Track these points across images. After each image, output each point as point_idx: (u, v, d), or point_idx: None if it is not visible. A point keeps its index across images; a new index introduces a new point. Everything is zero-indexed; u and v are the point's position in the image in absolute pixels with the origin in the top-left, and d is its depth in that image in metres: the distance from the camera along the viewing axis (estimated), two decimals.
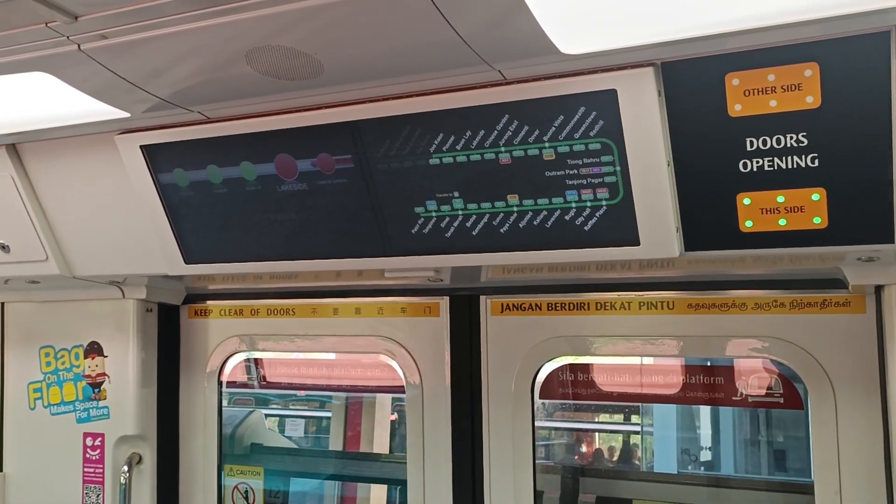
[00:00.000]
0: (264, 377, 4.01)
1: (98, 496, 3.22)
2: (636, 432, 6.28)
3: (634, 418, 6.19)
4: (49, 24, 1.78)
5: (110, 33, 1.82)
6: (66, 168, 2.68)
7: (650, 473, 5.67)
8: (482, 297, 2.94)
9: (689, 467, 6.03)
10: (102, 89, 2.13)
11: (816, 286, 2.50)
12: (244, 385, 4.03)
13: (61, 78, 2.05)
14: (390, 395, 4.35)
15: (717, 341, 2.65)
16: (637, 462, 6.32)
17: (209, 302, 3.43)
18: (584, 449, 5.94)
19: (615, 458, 6.20)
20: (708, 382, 2.86)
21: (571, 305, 2.82)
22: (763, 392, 2.78)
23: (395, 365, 3.10)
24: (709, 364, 2.91)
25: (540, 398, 2.92)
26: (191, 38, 1.81)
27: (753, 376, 2.80)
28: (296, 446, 5.08)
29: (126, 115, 2.30)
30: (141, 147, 2.45)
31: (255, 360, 3.91)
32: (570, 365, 3.05)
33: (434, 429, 2.98)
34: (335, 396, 4.66)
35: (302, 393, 4.75)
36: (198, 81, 2.08)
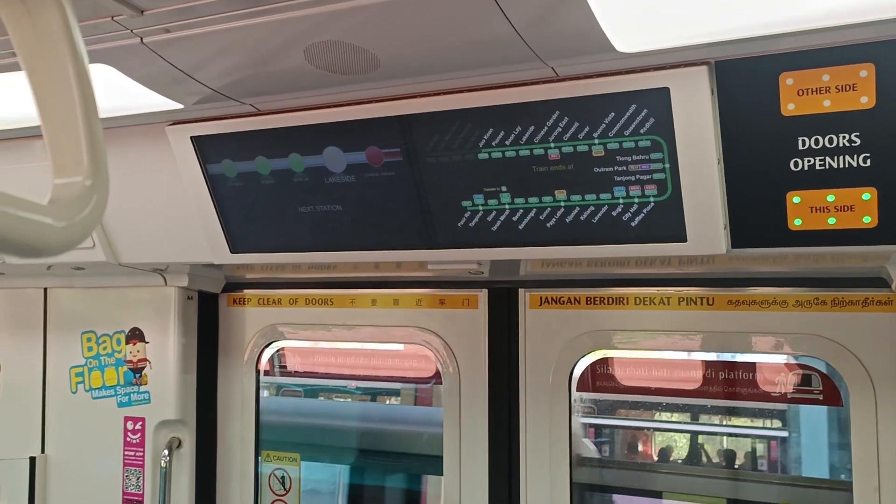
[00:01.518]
0: (284, 365, 4.06)
1: (138, 479, 3.29)
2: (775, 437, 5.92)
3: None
4: (115, 18, 1.82)
5: (174, 27, 1.86)
6: (114, 157, 2.69)
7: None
8: (521, 290, 2.97)
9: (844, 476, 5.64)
10: (159, 81, 2.17)
11: (857, 284, 2.52)
12: (295, 374, 4.09)
13: (120, 69, 2.09)
14: None
15: (755, 338, 2.67)
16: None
17: (247, 291, 3.49)
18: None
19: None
20: (746, 378, 2.88)
21: (610, 300, 2.84)
22: (802, 388, 2.79)
23: (432, 356, 3.14)
24: (747, 360, 2.92)
25: (577, 391, 2.95)
26: (253, 32, 1.84)
27: (793, 373, 2.81)
28: None
29: (178, 106, 2.34)
30: (191, 138, 2.50)
31: (287, 350, 3.96)
32: (613, 358, 3.07)
33: (471, 420, 3.02)
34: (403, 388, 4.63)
35: (353, 385, 4.76)
36: (252, 74, 2.12)
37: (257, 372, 3.44)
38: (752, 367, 2.89)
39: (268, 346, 3.45)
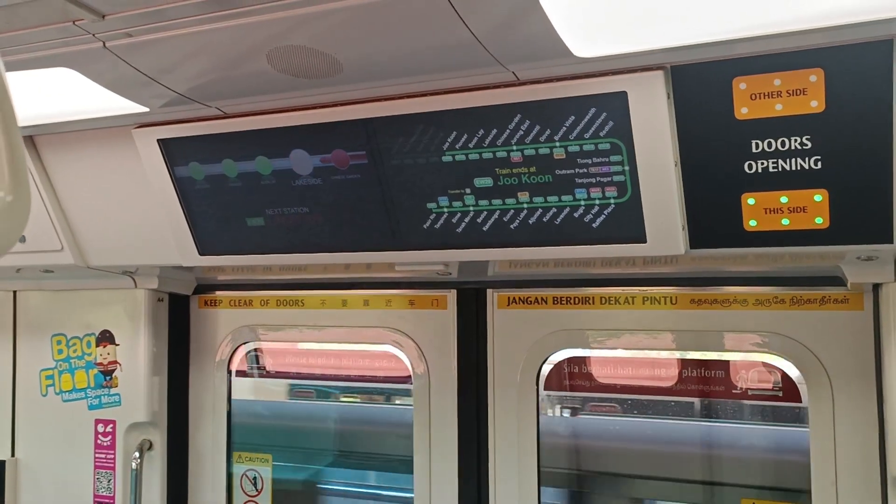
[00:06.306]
0: (265, 367, 4.04)
1: (109, 481, 3.29)
2: None
3: None
4: (77, 22, 1.83)
5: (136, 31, 1.87)
6: (82, 160, 2.73)
7: None
8: (489, 291, 3.00)
9: None
10: (123, 85, 2.17)
11: (816, 283, 2.57)
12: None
13: (84, 73, 2.10)
14: None
15: (717, 336, 2.72)
16: None
17: (219, 292, 3.49)
18: None
19: None
20: (710, 376, 2.93)
21: (576, 300, 2.88)
22: (764, 386, 2.84)
23: (402, 356, 3.17)
24: (711, 358, 2.97)
25: (544, 390, 2.99)
26: (214, 37, 1.86)
27: (753, 370, 2.86)
28: None
29: (144, 109, 2.35)
30: (158, 141, 2.50)
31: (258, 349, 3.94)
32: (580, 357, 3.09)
33: (440, 419, 3.04)
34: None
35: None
36: (217, 78, 2.13)
37: (229, 373, 3.45)
38: (711, 364, 2.93)
39: (238, 347, 3.46)
